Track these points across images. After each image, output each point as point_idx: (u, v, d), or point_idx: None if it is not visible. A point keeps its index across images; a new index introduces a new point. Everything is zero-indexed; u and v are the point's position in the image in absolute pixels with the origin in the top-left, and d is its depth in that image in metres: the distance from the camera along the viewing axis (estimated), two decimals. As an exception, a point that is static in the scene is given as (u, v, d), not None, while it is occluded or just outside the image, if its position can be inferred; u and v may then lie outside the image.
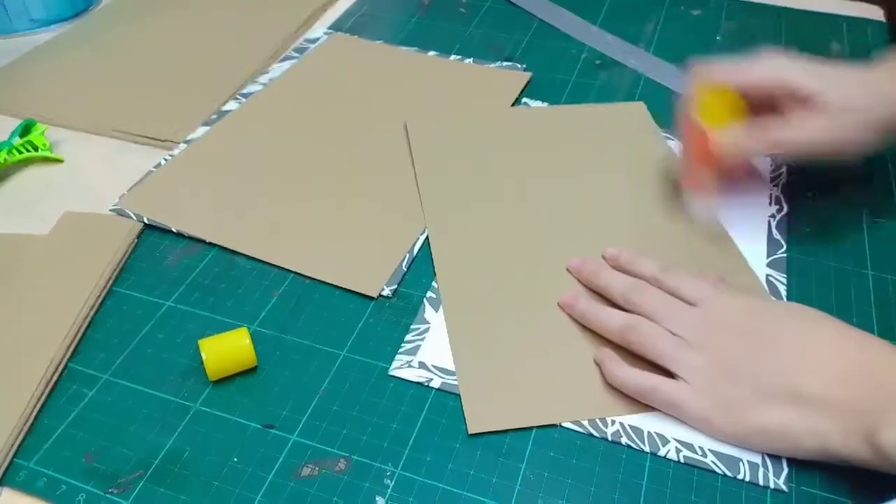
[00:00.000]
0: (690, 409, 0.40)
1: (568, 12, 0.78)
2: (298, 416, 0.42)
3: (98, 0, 0.82)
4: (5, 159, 0.58)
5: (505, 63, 0.70)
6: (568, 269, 0.49)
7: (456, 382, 0.43)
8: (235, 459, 0.40)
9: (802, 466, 0.39)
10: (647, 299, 0.44)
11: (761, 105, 0.50)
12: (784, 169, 0.57)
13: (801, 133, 0.48)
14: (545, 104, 0.65)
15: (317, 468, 0.40)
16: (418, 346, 0.45)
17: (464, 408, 0.42)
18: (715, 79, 0.50)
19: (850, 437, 0.36)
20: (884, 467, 0.36)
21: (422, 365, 0.44)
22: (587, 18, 0.77)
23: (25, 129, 0.60)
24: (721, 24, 0.75)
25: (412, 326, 0.46)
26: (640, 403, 0.42)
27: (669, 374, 0.41)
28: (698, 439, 0.40)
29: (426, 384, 0.43)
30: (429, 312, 0.47)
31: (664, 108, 0.62)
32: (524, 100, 0.65)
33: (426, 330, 0.46)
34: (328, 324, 0.47)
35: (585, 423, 0.41)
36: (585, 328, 0.45)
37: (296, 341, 0.46)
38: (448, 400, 0.43)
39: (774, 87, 0.49)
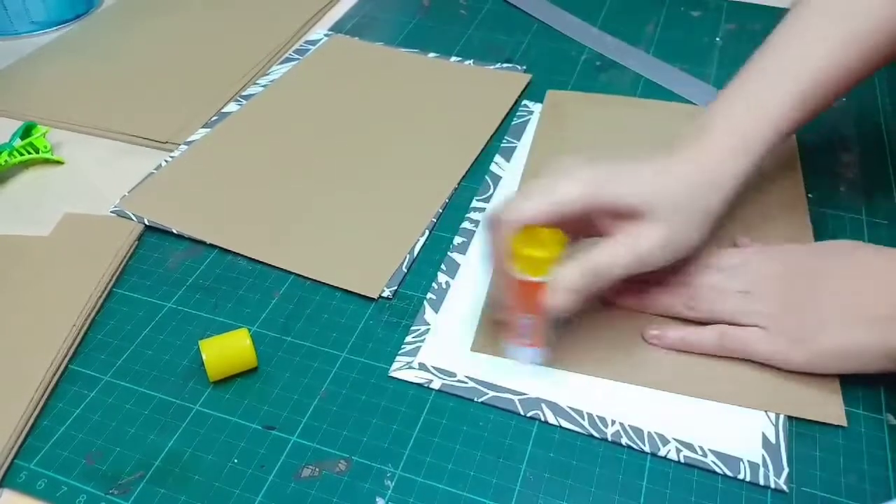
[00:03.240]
0: (763, 349, 0.43)
1: (568, 14, 0.78)
2: (299, 417, 0.42)
3: (99, 2, 0.83)
4: (6, 161, 0.58)
5: (505, 65, 0.70)
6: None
7: (455, 383, 0.43)
8: (236, 460, 0.40)
9: (803, 466, 0.39)
10: (702, 281, 0.46)
11: (574, 226, 0.42)
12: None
13: (640, 248, 0.42)
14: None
15: (317, 469, 0.40)
16: (418, 348, 0.45)
17: (477, 329, 0.46)
18: (522, 222, 0.41)
19: None
20: None
21: (422, 366, 0.44)
22: (587, 20, 0.77)
23: (26, 131, 0.60)
24: (721, 26, 0.75)
25: (412, 328, 0.46)
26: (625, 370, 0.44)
27: None
28: (698, 439, 0.40)
29: (426, 385, 0.43)
30: (429, 314, 0.47)
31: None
32: (525, 101, 0.65)
33: (426, 331, 0.46)
34: (328, 325, 0.47)
35: (585, 422, 0.41)
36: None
37: (296, 342, 0.46)
38: (448, 401, 0.43)
39: (589, 211, 0.42)
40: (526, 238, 0.40)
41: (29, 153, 0.59)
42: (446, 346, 0.45)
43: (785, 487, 0.38)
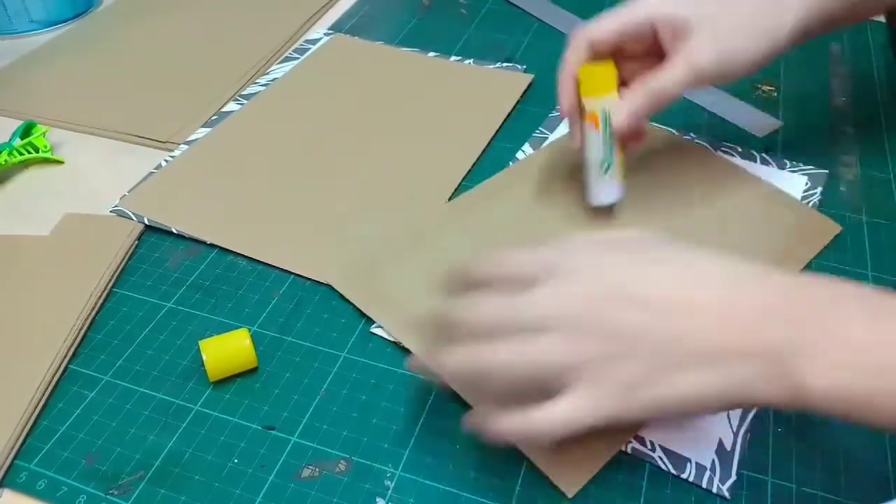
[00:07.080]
0: (591, 415, 0.33)
1: (568, 13, 0.78)
2: (299, 417, 0.42)
3: (98, 1, 0.83)
4: (6, 161, 0.58)
5: (505, 64, 0.70)
6: None
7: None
8: (236, 460, 0.40)
9: (804, 466, 0.39)
10: (481, 311, 0.35)
11: (650, 57, 0.47)
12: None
13: (693, 61, 0.43)
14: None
15: (317, 469, 0.40)
16: None
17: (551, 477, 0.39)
18: (593, 41, 0.47)
19: (775, 384, 0.31)
20: (806, 411, 0.31)
21: None
22: (587, 19, 0.77)
23: (26, 131, 0.60)
24: (721, 25, 0.75)
25: None
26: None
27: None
28: (650, 434, 0.40)
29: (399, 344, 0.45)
30: None
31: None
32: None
33: None
34: (328, 325, 0.47)
35: None
36: None
37: (296, 342, 0.46)
38: (449, 402, 0.43)
39: (648, 26, 0.46)
40: (594, 70, 0.47)
41: (29, 153, 0.59)
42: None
43: (728, 494, 0.38)
